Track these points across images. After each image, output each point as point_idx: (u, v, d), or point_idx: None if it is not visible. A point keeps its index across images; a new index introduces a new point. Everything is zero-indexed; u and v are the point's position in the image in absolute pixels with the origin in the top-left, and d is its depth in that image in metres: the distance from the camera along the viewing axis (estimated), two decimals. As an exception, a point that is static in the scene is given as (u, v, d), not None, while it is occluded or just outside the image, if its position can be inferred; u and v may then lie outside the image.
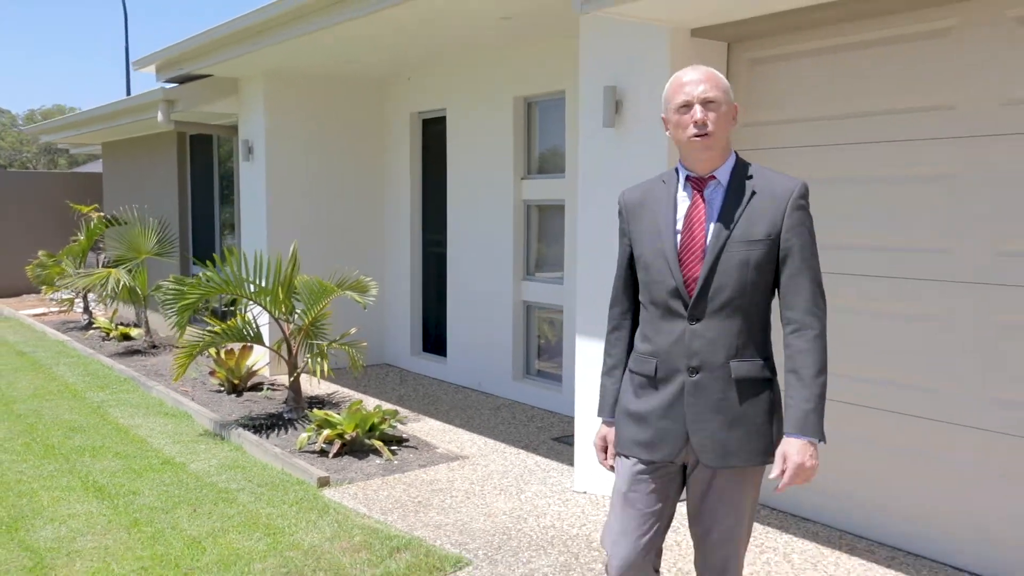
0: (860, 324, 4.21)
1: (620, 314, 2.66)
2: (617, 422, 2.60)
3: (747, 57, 4.61)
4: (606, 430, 2.68)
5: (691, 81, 2.40)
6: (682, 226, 2.45)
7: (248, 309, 6.80)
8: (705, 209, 2.43)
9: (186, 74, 8.26)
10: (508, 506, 4.79)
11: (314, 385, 7.81)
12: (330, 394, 7.50)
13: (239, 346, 7.45)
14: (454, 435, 6.24)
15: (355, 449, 5.72)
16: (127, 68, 25.81)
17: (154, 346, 9.87)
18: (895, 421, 4.10)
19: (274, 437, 6.03)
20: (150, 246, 10.05)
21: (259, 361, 7.82)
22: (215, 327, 6.46)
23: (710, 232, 2.41)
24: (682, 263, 2.42)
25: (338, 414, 5.88)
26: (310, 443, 5.76)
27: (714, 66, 4.52)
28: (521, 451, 5.84)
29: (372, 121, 8.79)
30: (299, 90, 8.32)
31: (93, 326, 11.38)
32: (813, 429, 2.34)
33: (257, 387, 7.68)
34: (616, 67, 4.74)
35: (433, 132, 8.38)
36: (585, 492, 4.99)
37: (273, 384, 7.82)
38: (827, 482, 4.40)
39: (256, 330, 6.62)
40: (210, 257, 10.18)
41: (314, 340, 6.58)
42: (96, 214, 12.14)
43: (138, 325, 10.61)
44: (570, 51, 6.49)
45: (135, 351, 9.66)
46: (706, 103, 2.38)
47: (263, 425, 6.32)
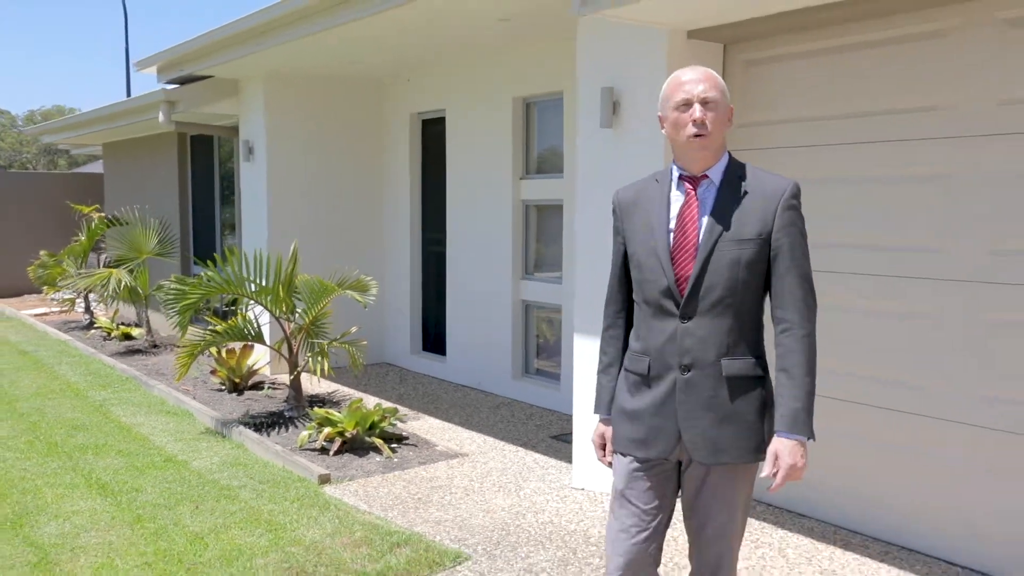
0: (852, 322, 4.26)
1: (615, 312, 2.68)
2: (614, 420, 2.62)
3: (742, 59, 4.66)
4: (603, 427, 2.70)
5: (691, 80, 2.41)
6: (675, 225, 2.46)
7: (249, 308, 6.85)
8: (698, 208, 2.44)
9: (187, 75, 8.32)
10: (507, 502, 4.84)
11: (315, 384, 7.86)
12: (330, 393, 7.55)
13: (240, 345, 7.50)
14: (454, 433, 6.29)
15: (355, 447, 5.77)
16: (127, 68, 25.81)
17: (155, 345, 9.92)
18: (887, 418, 4.16)
19: (275, 435, 6.08)
20: (151, 246, 10.08)
21: (260, 360, 7.86)
22: (217, 326, 6.51)
23: (702, 231, 2.42)
24: (674, 261, 2.43)
25: (338, 412, 5.93)
26: (311, 441, 5.81)
27: (710, 67, 4.57)
28: (520, 449, 5.89)
29: (372, 121, 8.84)
30: (299, 91, 8.37)
31: (94, 326, 11.43)
32: (803, 427, 2.36)
33: (258, 386, 7.73)
34: (613, 68, 4.79)
35: (432, 132, 8.43)
36: (583, 489, 5.04)
37: (274, 383, 7.86)
38: (821, 478, 4.46)
39: (257, 329, 6.67)
40: (211, 257, 10.22)
41: (315, 339, 6.63)
42: (97, 214, 12.18)
43: (139, 325, 10.66)
44: (568, 52, 6.53)
45: (136, 350, 9.71)
46: (705, 102, 2.39)
47: (264, 423, 6.37)
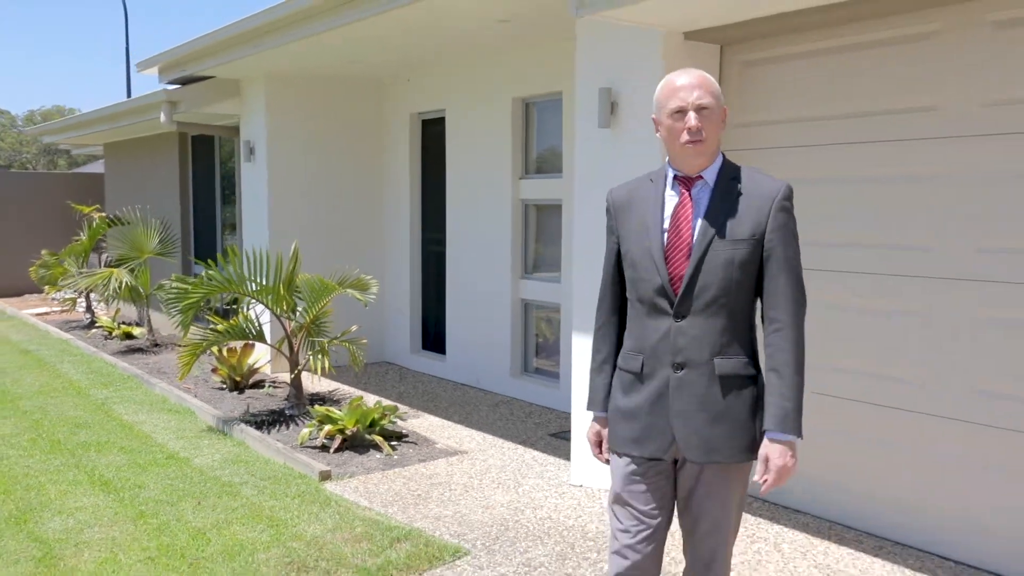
0: (847, 319, 4.30)
1: (608, 311, 2.68)
2: (610, 420, 2.64)
3: (739, 59, 4.70)
4: (598, 425, 2.72)
5: (684, 86, 2.41)
6: (669, 224, 2.47)
7: (250, 307, 6.89)
8: (692, 208, 2.46)
9: (189, 76, 8.36)
10: (506, 499, 4.89)
11: (315, 382, 7.91)
12: (331, 391, 7.60)
13: (241, 344, 7.54)
14: (453, 431, 6.34)
15: (356, 444, 5.82)
16: (128, 69, 25.79)
17: (156, 344, 9.97)
18: (882, 414, 4.20)
19: (276, 433, 6.13)
20: (152, 246, 10.13)
21: (260, 359, 7.91)
22: (218, 325, 6.56)
23: (696, 231, 2.44)
24: (668, 261, 2.45)
25: (339, 410, 5.98)
26: (311, 438, 5.85)
27: (707, 68, 4.62)
28: (519, 446, 5.94)
29: (372, 121, 8.89)
30: (300, 91, 8.41)
31: (95, 325, 11.47)
32: (793, 427, 2.38)
33: (259, 384, 7.77)
34: (611, 69, 4.83)
35: (432, 132, 8.47)
36: (581, 485, 5.09)
37: (275, 381, 7.91)
38: (817, 474, 4.50)
39: (258, 328, 6.72)
40: (212, 256, 10.27)
41: (315, 337, 6.67)
42: (98, 214, 12.23)
43: (140, 324, 10.71)
44: (567, 53, 6.57)
45: (137, 349, 9.75)
46: (700, 109, 2.39)
47: (265, 421, 6.42)
